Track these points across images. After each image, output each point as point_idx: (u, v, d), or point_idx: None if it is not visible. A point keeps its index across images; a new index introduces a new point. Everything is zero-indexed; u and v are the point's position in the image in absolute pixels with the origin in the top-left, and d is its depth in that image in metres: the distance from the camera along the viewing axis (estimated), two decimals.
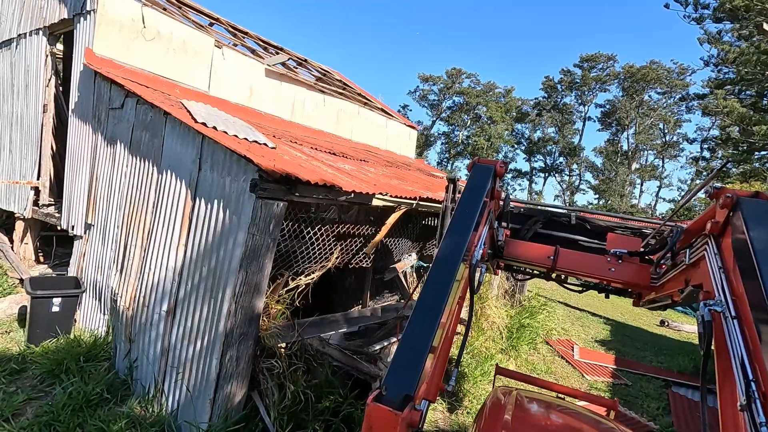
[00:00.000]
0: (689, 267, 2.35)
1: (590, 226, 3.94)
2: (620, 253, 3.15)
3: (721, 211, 2.04)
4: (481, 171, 2.50)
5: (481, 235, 2.34)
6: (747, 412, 1.52)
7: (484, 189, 2.37)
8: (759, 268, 1.72)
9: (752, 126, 16.99)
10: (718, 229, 2.05)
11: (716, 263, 1.99)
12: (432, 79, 46.54)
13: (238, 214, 3.53)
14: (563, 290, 16.69)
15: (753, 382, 1.56)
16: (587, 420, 2.41)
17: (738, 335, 1.69)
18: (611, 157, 41.85)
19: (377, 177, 5.65)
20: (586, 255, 3.35)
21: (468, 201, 2.30)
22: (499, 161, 2.55)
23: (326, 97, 9.56)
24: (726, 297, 1.82)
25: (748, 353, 1.63)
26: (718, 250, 2.05)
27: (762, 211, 1.93)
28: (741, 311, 1.74)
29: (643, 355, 9.43)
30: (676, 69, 37.83)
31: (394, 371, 1.64)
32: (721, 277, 1.91)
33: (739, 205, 1.96)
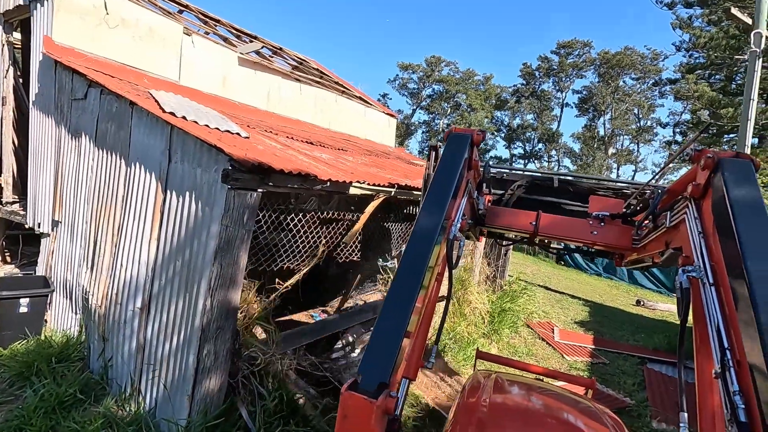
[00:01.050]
0: (670, 229, 2.33)
1: (573, 188, 3.95)
2: (602, 215, 3.16)
3: (702, 173, 1.98)
4: (456, 141, 2.38)
5: (459, 207, 2.27)
6: (721, 380, 1.55)
7: (461, 159, 2.26)
8: (737, 231, 1.68)
9: (721, 109, 17.49)
10: (699, 191, 2.00)
11: (696, 227, 1.96)
12: (411, 67, 46.31)
13: (210, 205, 3.44)
14: (544, 273, 16.95)
15: (728, 350, 1.58)
16: (564, 399, 2.45)
17: (715, 302, 1.68)
18: (589, 142, 42.60)
19: (355, 166, 5.59)
20: (568, 219, 3.36)
21: (444, 173, 2.20)
22: (476, 130, 2.44)
23: (303, 85, 9.39)
24: (704, 262, 1.81)
25: (725, 321, 1.64)
26: (698, 213, 2.00)
27: (743, 172, 1.87)
28: (719, 277, 1.72)
29: (621, 334, 9.71)
30: (650, 55, 38.57)
31: (369, 359, 1.62)
32: (700, 241, 1.88)
33: (720, 166, 1.90)
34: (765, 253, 1.62)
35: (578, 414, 2.26)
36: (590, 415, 2.20)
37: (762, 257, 1.61)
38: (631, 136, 42.30)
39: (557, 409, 2.33)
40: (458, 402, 2.23)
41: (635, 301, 13.49)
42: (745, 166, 1.88)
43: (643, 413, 5.86)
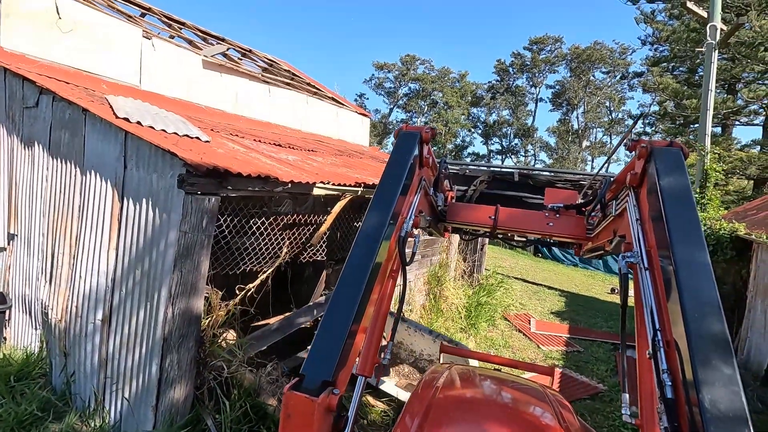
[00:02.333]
0: (616, 218, 2.40)
1: (533, 181, 4.04)
2: (557, 207, 3.26)
3: (638, 162, 2.05)
4: (405, 139, 2.39)
5: (411, 205, 2.28)
6: (653, 360, 1.61)
7: (409, 157, 2.27)
8: (666, 218, 1.74)
9: (685, 100, 18.08)
10: (637, 180, 2.07)
11: (635, 215, 2.01)
12: (387, 66, 46.38)
13: (167, 211, 3.37)
14: (521, 266, 17.24)
15: (659, 331, 1.64)
16: (515, 387, 2.50)
17: (649, 286, 1.74)
18: (563, 136, 43.49)
19: (322, 166, 5.56)
20: (526, 212, 3.44)
21: (391, 171, 2.21)
22: (425, 126, 2.45)
23: (273, 87, 9.29)
24: (641, 248, 1.86)
25: (657, 303, 1.70)
26: (636, 201, 2.07)
27: (673, 160, 1.94)
28: (653, 262, 1.78)
29: (595, 322, 9.95)
30: (618, 49, 39.64)
31: (312, 358, 1.62)
32: (637, 228, 1.95)
33: (652, 155, 1.97)
34: (689, 238, 1.69)
35: (526, 400, 2.31)
36: (539, 401, 2.25)
37: (686, 242, 1.68)
38: (603, 129, 43.37)
39: (505, 397, 2.38)
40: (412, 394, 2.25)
41: (610, 289, 13.84)
42: (675, 155, 1.95)
43: (615, 398, 6.01)
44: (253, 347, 4.19)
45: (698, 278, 1.57)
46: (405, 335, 5.03)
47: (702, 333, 1.45)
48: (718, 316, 1.48)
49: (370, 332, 2.15)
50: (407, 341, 5.06)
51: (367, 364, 2.08)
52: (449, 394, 2.20)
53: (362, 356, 2.04)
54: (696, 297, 1.52)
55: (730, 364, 1.39)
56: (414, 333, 4.95)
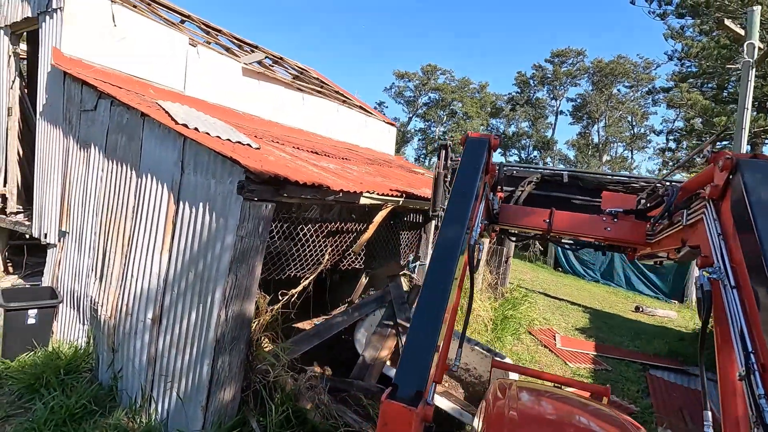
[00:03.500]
0: (686, 227, 2.35)
1: (582, 183, 4.01)
2: (615, 211, 3.22)
3: (720, 174, 1.99)
4: (475, 145, 2.40)
5: (478, 212, 2.29)
6: (746, 383, 1.56)
7: (480, 165, 2.28)
8: (758, 234, 1.69)
9: (714, 117, 17.77)
10: (718, 192, 2.01)
11: (715, 229, 1.96)
12: (407, 75, 46.66)
13: (225, 216, 3.47)
14: (542, 280, 16.99)
15: (752, 353, 1.62)
16: (587, 408, 2.49)
17: (737, 305, 1.70)
18: (583, 149, 42.98)
19: (361, 175, 5.65)
20: (582, 215, 3.40)
21: (464, 181, 2.21)
22: (492, 134, 2.47)
23: (304, 95, 9.47)
24: (725, 264, 1.82)
25: (747, 324, 1.66)
26: (717, 215, 2.01)
27: (762, 173, 1.88)
28: (740, 280, 1.74)
29: (621, 341, 9.77)
30: (642, 63, 39.12)
31: (405, 368, 1.66)
32: (720, 243, 1.89)
33: (738, 168, 1.91)
34: None
35: (604, 423, 2.30)
36: (615, 423, 2.24)
37: None
38: (625, 144, 42.74)
39: (583, 417, 2.37)
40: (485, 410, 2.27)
41: (634, 307, 13.57)
42: (765, 167, 1.90)
43: (649, 419, 5.89)
44: (293, 351, 4.25)
45: None
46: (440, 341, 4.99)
47: None
48: None
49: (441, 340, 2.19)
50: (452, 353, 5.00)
51: (438, 371, 2.11)
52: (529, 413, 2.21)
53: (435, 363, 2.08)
54: None
55: None
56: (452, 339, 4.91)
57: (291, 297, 4.36)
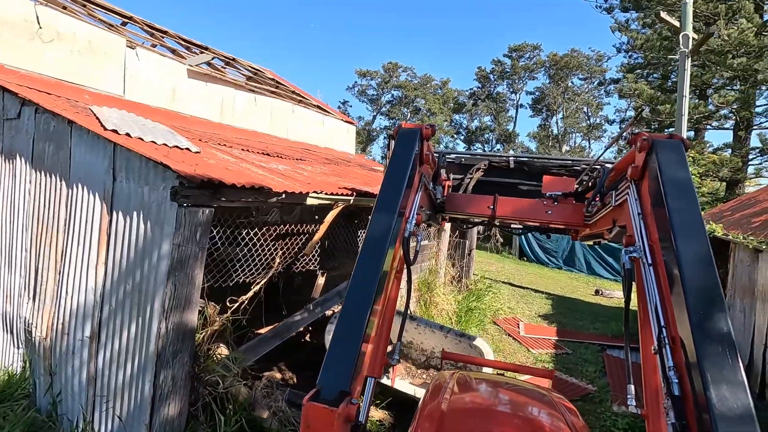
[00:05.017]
0: (616, 207, 2.42)
1: (528, 168, 4.09)
2: (555, 195, 3.29)
3: (639, 155, 2.05)
4: (406, 136, 2.35)
5: (414, 203, 2.26)
6: (659, 356, 1.62)
7: (411, 155, 2.24)
8: (669, 212, 1.75)
9: (659, 105, 18.69)
10: (638, 173, 2.07)
11: (636, 208, 2.02)
12: (369, 74, 46.64)
13: (160, 224, 3.31)
14: (508, 270, 17.38)
15: (664, 327, 1.67)
16: (523, 392, 2.54)
17: (653, 281, 1.76)
18: (544, 141, 44.34)
19: (313, 175, 5.56)
20: (524, 201, 3.47)
21: (394, 171, 2.17)
22: (426, 124, 2.42)
23: (258, 96, 9.24)
24: (644, 243, 1.88)
25: (661, 299, 1.71)
26: (638, 194, 2.07)
27: (675, 153, 1.93)
28: (656, 257, 1.80)
29: (581, 324, 10.12)
30: (594, 56, 40.79)
31: (328, 368, 1.62)
32: (639, 222, 1.95)
33: (654, 148, 1.97)
34: (692, 233, 1.71)
35: (535, 405, 2.35)
36: (547, 405, 2.29)
37: (689, 237, 1.70)
38: (582, 134, 44.41)
39: (515, 402, 2.41)
40: (422, 401, 2.26)
41: (594, 291, 14.10)
42: (677, 147, 1.95)
43: (605, 398, 6.12)
44: (246, 359, 4.13)
45: (702, 275, 1.59)
46: (415, 334, 4.97)
47: (707, 331, 1.48)
48: (723, 314, 1.51)
49: (378, 334, 2.16)
50: (417, 340, 5.00)
51: (376, 365, 2.08)
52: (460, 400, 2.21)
53: (371, 358, 2.05)
54: (700, 294, 1.54)
55: (735, 362, 1.43)
56: (424, 330, 4.90)
57: (242, 303, 4.24)
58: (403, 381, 4.62)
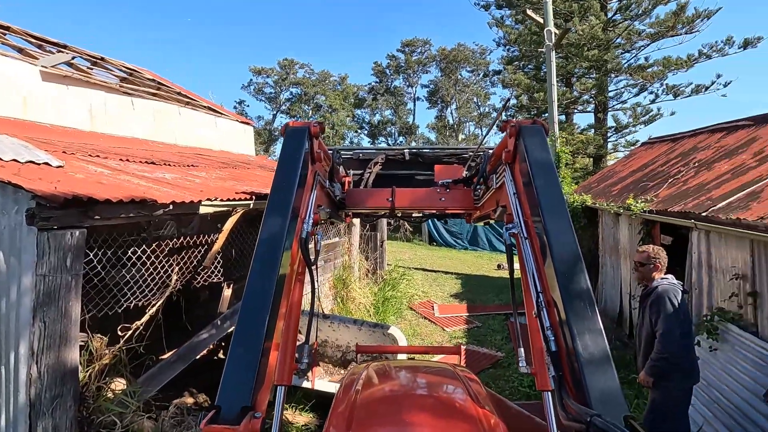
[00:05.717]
0: (498, 190, 2.65)
1: (422, 159, 4.32)
2: (446, 182, 3.52)
3: (510, 141, 2.27)
4: (293, 135, 2.30)
5: (309, 203, 2.23)
6: (538, 319, 1.84)
7: (299, 154, 2.20)
8: (536, 189, 1.97)
9: (535, 94, 20.88)
10: (510, 156, 2.29)
11: (512, 189, 2.24)
12: (265, 71, 44.91)
13: (16, 254, 2.83)
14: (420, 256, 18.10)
15: (540, 293, 1.90)
16: (430, 372, 2.68)
17: (529, 253, 1.98)
18: (441, 131, 46.89)
19: (207, 182, 5.20)
20: (420, 190, 3.64)
21: (283, 171, 2.12)
22: (313, 121, 2.38)
23: (136, 99, 8.33)
24: (520, 219, 2.10)
25: (537, 268, 1.92)
26: (512, 176, 2.30)
27: (538, 136, 2.18)
28: (530, 231, 2.02)
29: (488, 298, 10.99)
30: (478, 50, 44.08)
31: (226, 385, 1.53)
32: (515, 201, 2.18)
33: (521, 133, 2.20)
34: (554, 207, 1.96)
35: (441, 382, 2.50)
36: (452, 380, 2.45)
37: (552, 211, 1.95)
38: (474, 122, 47.84)
39: (423, 383, 2.54)
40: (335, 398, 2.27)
41: (497, 265, 15.39)
42: (538, 131, 2.22)
43: (513, 362, 6.73)
44: (148, 390, 3.75)
45: (564, 243, 1.84)
46: (329, 332, 4.94)
47: (572, 291, 1.71)
48: (583, 275, 1.76)
49: (284, 340, 2.10)
50: (332, 337, 4.97)
51: (285, 372, 2.03)
52: (369, 392, 2.26)
53: (279, 366, 1.98)
54: (564, 260, 1.78)
55: (594, 314, 1.68)
56: (338, 327, 4.90)
57: (136, 330, 3.83)
58: (323, 380, 4.59)
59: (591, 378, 1.49)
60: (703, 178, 6.09)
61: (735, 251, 4.48)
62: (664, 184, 6.93)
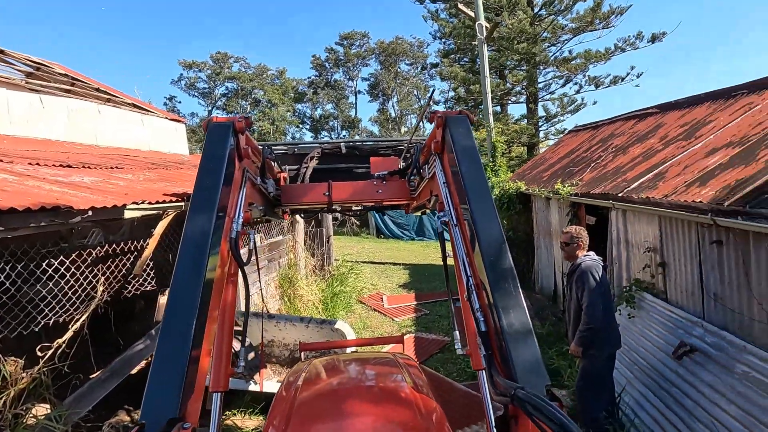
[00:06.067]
0: (431, 180, 2.70)
1: (359, 152, 4.32)
2: (382, 174, 3.54)
3: (438, 131, 2.34)
4: (216, 132, 2.18)
5: (238, 201, 2.15)
6: (469, 301, 1.92)
7: (223, 151, 2.09)
8: (462, 177, 2.03)
9: (471, 86, 21.61)
10: (439, 147, 2.36)
11: (442, 178, 2.31)
12: (196, 65, 42.55)
13: None
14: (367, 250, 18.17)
15: (470, 276, 1.98)
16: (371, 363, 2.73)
17: (459, 239, 2.06)
18: (384, 124, 47.18)
19: (133, 184, 4.86)
20: (357, 183, 3.63)
21: (206, 169, 2.00)
22: (239, 116, 2.28)
23: (46, 96, 7.56)
24: (450, 207, 2.17)
25: (467, 252, 2.00)
26: (442, 166, 2.36)
27: (463, 126, 2.24)
28: (460, 218, 2.09)
29: (435, 285, 11.30)
30: (416, 43, 44.71)
31: (150, 399, 1.45)
32: (445, 190, 2.24)
33: (447, 124, 2.26)
34: (479, 193, 2.04)
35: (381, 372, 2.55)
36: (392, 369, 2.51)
37: (478, 197, 2.03)
38: (416, 115, 48.59)
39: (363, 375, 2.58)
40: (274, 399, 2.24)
41: None
42: (463, 121, 2.29)
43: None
44: (77, 412, 3.48)
45: (489, 226, 1.92)
46: (276, 332, 4.82)
47: (497, 271, 1.80)
48: (506, 255, 1.85)
49: (218, 345, 2.03)
50: (279, 337, 4.86)
51: (220, 378, 1.96)
52: (308, 388, 2.25)
53: (213, 372, 1.91)
54: (489, 242, 1.87)
55: (517, 292, 1.77)
56: (284, 326, 4.79)
57: (58, 349, 3.52)
58: (271, 381, 4.50)
59: (515, 353, 1.57)
60: (620, 161, 6.65)
61: (646, 227, 4.96)
62: (587, 168, 7.49)
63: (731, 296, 3.65)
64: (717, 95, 6.39)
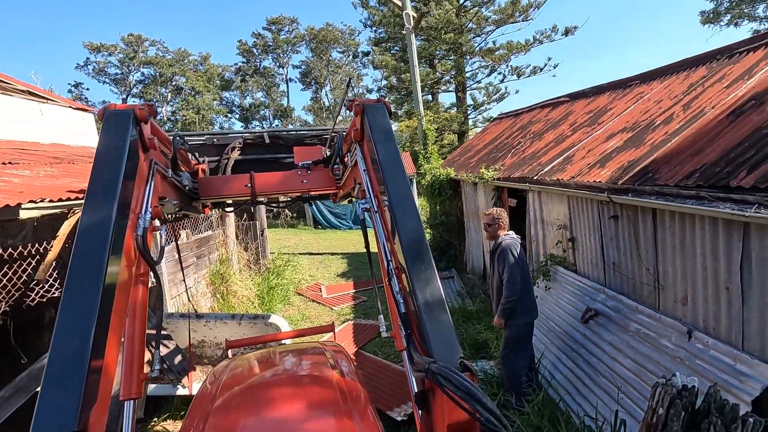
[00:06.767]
0: (354, 168, 2.71)
1: (283, 141, 4.21)
2: (307, 164, 3.51)
3: (357, 119, 2.35)
4: (113, 121, 2.00)
5: (145, 195, 2.00)
6: (390, 283, 2.01)
7: (122, 142, 1.93)
8: (380, 164, 2.07)
9: (402, 74, 21.90)
10: (359, 135, 2.38)
11: (362, 166, 2.34)
12: (105, 48, 38.63)
13: None
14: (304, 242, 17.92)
15: (390, 260, 2.06)
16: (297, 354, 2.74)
17: (380, 224, 2.11)
18: (318, 113, 46.36)
19: (31, 180, 4.38)
20: (280, 174, 3.55)
21: (103, 164, 1.83)
22: (140, 104, 2.10)
23: None
24: (370, 194, 2.21)
25: (387, 237, 2.06)
26: (362, 153, 2.39)
27: (380, 113, 2.27)
28: (380, 204, 2.13)
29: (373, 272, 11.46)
30: (347, 30, 44.18)
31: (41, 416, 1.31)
32: (365, 177, 2.28)
33: (365, 111, 2.28)
34: (396, 177, 2.10)
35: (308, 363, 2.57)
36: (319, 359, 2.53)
37: (394, 181, 2.10)
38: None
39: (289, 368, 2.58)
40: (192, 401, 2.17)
41: None
42: (380, 109, 2.33)
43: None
44: None
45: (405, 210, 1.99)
46: (206, 331, 4.60)
47: (412, 250, 1.88)
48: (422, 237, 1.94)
49: (129, 349, 1.92)
50: (210, 336, 4.65)
51: (132, 385, 1.85)
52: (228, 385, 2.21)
53: (123, 379, 1.81)
54: (406, 225, 1.94)
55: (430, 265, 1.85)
56: (214, 324, 4.59)
57: None
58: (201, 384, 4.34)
59: (430, 330, 1.66)
60: (536, 147, 7.17)
61: (558, 206, 5.43)
62: (509, 154, 7.98)
63: (626, 264, 4.14)
64: (616, 85, 7.10)
